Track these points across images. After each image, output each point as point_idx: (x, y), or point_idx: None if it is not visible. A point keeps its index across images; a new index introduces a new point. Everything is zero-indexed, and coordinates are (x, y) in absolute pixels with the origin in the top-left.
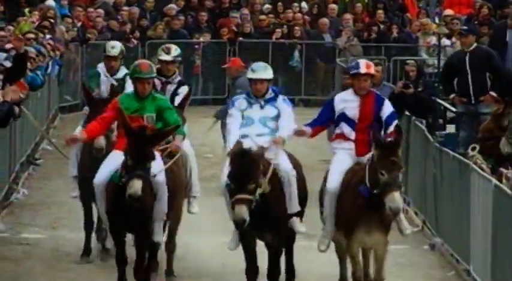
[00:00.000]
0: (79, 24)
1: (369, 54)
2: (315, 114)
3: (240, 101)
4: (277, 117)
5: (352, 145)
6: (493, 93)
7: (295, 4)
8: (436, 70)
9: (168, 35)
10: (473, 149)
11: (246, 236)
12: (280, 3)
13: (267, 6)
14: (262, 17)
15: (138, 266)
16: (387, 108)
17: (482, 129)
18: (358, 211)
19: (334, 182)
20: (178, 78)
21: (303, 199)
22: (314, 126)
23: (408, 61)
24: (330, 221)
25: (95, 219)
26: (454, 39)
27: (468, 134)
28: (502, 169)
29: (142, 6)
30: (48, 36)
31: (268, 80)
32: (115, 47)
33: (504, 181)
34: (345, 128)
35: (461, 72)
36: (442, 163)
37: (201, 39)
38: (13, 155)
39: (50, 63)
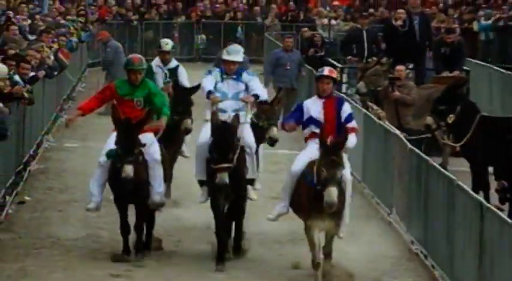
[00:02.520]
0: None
1: (285, 30)
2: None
3: (216, 73)
4: (246, 91)
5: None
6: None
7: None
8: (328, 40)
9: (158, 17)
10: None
11: (216, 194)
12: None
13: None
14: (217, 5)
15: (137, 225)
16: (346, 110)
17: (366, 75)
18: (312, 198)
19: (298, 166)
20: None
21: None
22: (289, 121)
23: (316, 34)
24: (284, 196)
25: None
26: (338, 20)
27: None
28: (369, 103)
29: None
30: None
31: (240, 62)
32: (168, 43)
33: (370, 110)
34: (314, 129)
35: (359, 43)
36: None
37: (178, 20)
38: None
39: (82, 34)
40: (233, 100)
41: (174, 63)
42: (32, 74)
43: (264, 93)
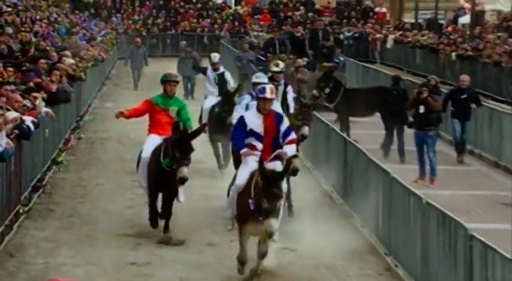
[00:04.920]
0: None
1: (232, 38)
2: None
3: (244, 99)
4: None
5: (258, 154)
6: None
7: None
8: (256, 45)
9: (158, 30)
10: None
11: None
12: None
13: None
14: (192, 23)
15: (164, 214)
16: (285, 124)
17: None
18: (249, 214)
19: (242, 179)
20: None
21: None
22: (242, 146)
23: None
24: (229, 206)
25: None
26: (263, 33)
27: None
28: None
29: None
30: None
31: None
32: (216, 56)
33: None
34: (253, 141)
35: (273, 46)
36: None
37: (169, 32)
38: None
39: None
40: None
41: (222, 69)
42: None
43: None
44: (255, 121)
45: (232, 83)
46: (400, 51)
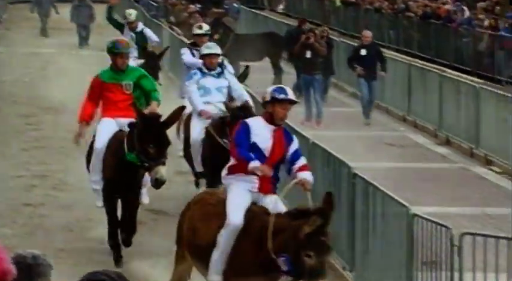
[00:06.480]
0: None
1: None
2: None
3: (196, 76)
4: (228, 87)
5: (255, 180)
6: None
7: None
8: None
9: None
10: None
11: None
12: None
13: None
14: None
15: (126, 226)
16: (295, 145)
17: None
18: (256, 272)
19: (238, 217)
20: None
21: None
22: (250, 158)
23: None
24: (220, 259)
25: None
26: None
27: None
28: None
29: None
30: None
31: (219, 55)
32: (132, 13)
33: None
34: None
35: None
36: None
37: None
38: None
39: None
40: (217, 93)
41: (140, 27)
42: None
43: (246, 95)
44: (263, 134)
45: (155, 38)
46: None
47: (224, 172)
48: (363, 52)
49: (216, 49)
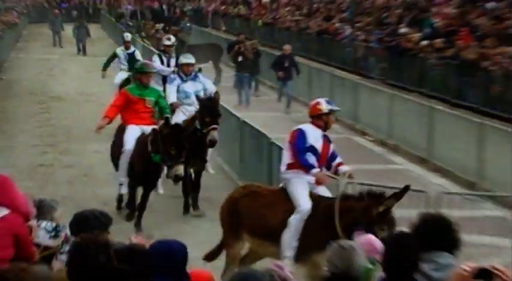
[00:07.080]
0: None
1: (110, 9)
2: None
3: (176, 81)
4: (204, 90)
5: (311, 180)
6: None
7: None
8: None
9: None
10: None
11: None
12: None
13: None
14: None
15: (140, 206)
16: (332, 145)
17: None
18: (323, 247)
19: (307, 203)
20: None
21: None
22: (314, 163)
23: None
24: (293, 238)
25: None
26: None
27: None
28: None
29: None
30: None
31: (193, 64)
32: (128, 36)
33: None
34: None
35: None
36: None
37: None
38: None
39: None
40: (194, 96)
41: (132, 48)
42: None
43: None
44: (317, 138)
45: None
46: (225, 19)
47: (283, 167)
48: (283, 61)
49: (192, 59)
